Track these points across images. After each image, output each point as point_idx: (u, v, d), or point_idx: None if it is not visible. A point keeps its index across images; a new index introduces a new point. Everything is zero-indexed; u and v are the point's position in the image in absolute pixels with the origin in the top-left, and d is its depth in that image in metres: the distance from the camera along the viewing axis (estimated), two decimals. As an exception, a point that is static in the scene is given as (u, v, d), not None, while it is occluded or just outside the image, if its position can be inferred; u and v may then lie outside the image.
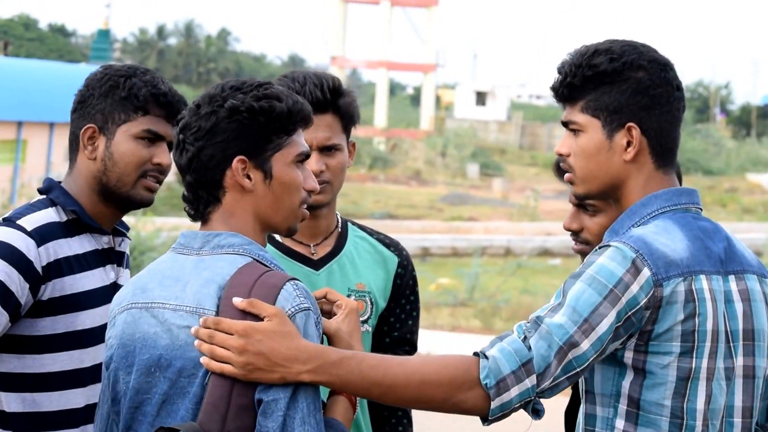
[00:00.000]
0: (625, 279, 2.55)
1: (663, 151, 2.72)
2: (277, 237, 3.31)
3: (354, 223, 3.45)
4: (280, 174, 2.62)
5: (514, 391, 2.53)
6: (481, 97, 71.67)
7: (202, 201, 2.63)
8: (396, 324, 3.40)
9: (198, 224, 2.68)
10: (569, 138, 2.75)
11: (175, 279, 2.59)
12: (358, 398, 3.02)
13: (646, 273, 2.55)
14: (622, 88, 2.69)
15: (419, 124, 63.78)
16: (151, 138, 3.08)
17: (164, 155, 3.10)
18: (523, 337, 2.55)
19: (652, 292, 2.55)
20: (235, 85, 2.62)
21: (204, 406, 2.45)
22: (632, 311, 2.55)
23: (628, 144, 2.69)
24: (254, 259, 2.58)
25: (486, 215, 31.38)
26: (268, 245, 3.27)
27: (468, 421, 10.20)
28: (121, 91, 3.06)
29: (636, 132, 2.69)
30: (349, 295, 3.30)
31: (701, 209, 2.75)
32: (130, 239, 3.28)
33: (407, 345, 3.41)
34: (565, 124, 2.77)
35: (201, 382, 2.50)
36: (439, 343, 13.56)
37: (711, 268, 2.63)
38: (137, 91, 3.05)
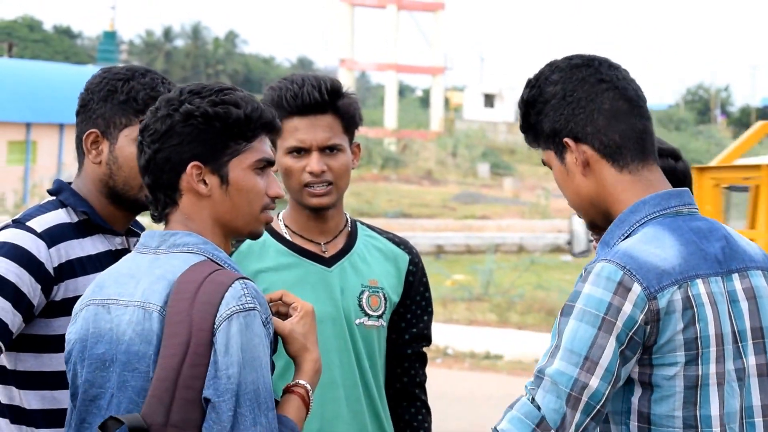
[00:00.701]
0: (615, 303, 2.45)
1: (613, 150, 2.60)
2: (287, 236, 3.35)
3: (362, 223, 3.47)
4: (237, 180, 2.62)
5: None
6: (489, 99, 71.60)
7: (160, 202, 2.64)
8: (413, 320, 3.43)
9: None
10: None
11: (131, 276, 2.61)
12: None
13: (636, 289, 2.45)
14: (546, 109, 2.63)
15: (429, 125, 63.67)
16: None
17: None
18: (531, 397, 2.45)
19: (647, 306, 2.45)
20: (194, 90, 2.62)
21: (148, 399, 2.47)
22: (632, 331, 2.45)
23: (576, 159, 2.61)
24: (208, 258, 2.57)
25: (498, 213, 31.42)
26: (279, 244, 3.34)
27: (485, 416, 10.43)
28: (119, 95, 3.03)
29: (572, 144, 2.60)
30: (362, 291, 3.34)
31: (695, 209, 2.63)
32: None
33: (424, 341, 3.46)
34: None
35: (144, 376, 2.52)
36: (457, 335, 13.82)
37: (708, 270, 2.54)
38: (135, 94, 3.03)
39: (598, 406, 2.45)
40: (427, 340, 3.47)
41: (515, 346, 13.64)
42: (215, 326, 2.47)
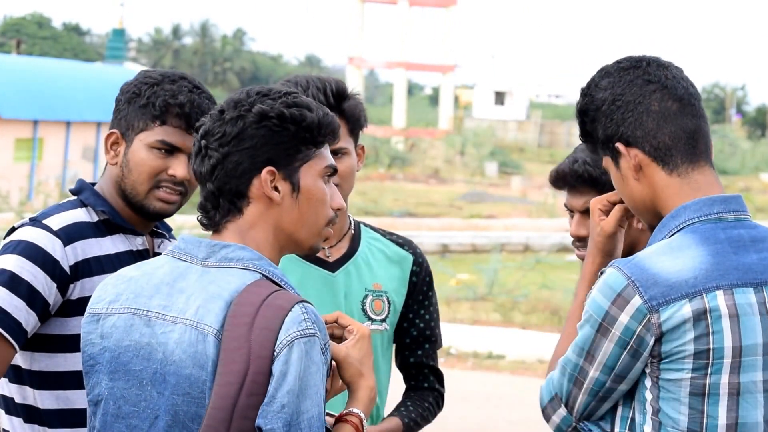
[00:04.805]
0: (611, 312, 2.51)
1: (664, 153, 2.59)
2: None
3: (366, 225, 3.47)
4: (309, 187, 2.52)
5: (556, 418, 2.66)
6: (499, 97, 71.82)
7: (221, 211, 2.50)
8: (415, 320, 3.43)
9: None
10: None
11: (178, 289, 2.47)
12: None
13: (636, 302, 2.48)
14: (598, 116, 2.64)
15: (437, 123, 63.83)
16: (168, 149, 3.03)
17: (180, 167, 3.03)
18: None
19: (646, 319, 2.49)
20: (261, 91, 2.51)
21: (204, 428, 2.35)
22: (632, 340, 2.51)
23: (630, 164, 2.62)
24: (263, 275, 2.45)
25: (505, 213, 31.38)
26: None
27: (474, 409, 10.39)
28: (141, 99, 3.03)
29: (623, 149, 2.61)
30: (366, 296, 3.35)
31: (743, 215, 2.60)
32: (171, 239, 3.22)
33: (427, 341, 3.44)
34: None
35: (198, 402, 2.41)
36: (460, 335, 13.81)
37: (734, 281, 2.51)
38: (155, 99, 3.01)
39: (601, 392, 2.59)
40: (432, 339, 3.44)
41: (518, 345, 13.64)
42: (275, 353, 2.35)
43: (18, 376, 3.00)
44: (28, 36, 72.61)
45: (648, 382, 2.55)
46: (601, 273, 2.58)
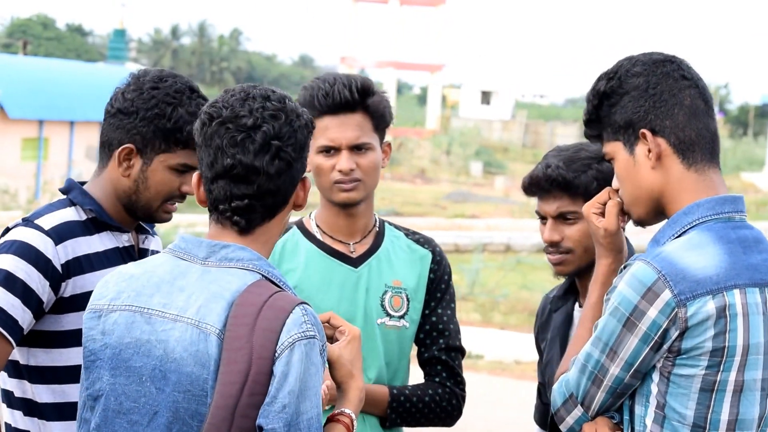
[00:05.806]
0: (641, 306, 2.54)
1: (687, 147, 2.64)
2: (318, 235, 3.41)
3: (390, 223, 3.52)
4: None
5: (570, 419, 2.71)
6: (486, 97, 71.72)
7: (266, 212, 2.55)
8: (431, 316, 3.45)
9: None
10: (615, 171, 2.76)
11: (178, 287, 2.51)
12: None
13: (666, 296, 2.52)
14: (625, 100, 2.66)
15: (425, 123, 63.56)
16: (184, 170, 3.10)
17: (191, 184, 3.00)
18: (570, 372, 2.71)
19: (674, 313, 2.52)
20: (285, 96, 2.56)
21: (206, 426, 2.39)
22: (657, 335, 2.54)
23: (649, 152, 2.65)
24: (263, 276, 2.51)
25: (488, 212, 31.27)
26: (310, 243, 3.41)
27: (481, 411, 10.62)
28: (166, 122, 3.04)
29: (649, 136, 2.64)
30: (385, 292, 3.39)
31: (745, 216, 2.67)
32: (154, 235, 3.31)
33: (441, 336, 3.45)
34: (607, 160, 2.77)
35: (198, 400, 2.45)
36: None
37: (747, 280, 2.57)
38: (182, 125, 3.03)
39: (619, 389, 2.64)
40: (443, 335, 3.45)
41: (496, 346, 13.74)
42: (276, 354, 2.41)
43: (17, 370, 3.08)
44: (33, 37, 72.17)
45: (656, 377, 2.60)
46: (624, 267, 2.62)
